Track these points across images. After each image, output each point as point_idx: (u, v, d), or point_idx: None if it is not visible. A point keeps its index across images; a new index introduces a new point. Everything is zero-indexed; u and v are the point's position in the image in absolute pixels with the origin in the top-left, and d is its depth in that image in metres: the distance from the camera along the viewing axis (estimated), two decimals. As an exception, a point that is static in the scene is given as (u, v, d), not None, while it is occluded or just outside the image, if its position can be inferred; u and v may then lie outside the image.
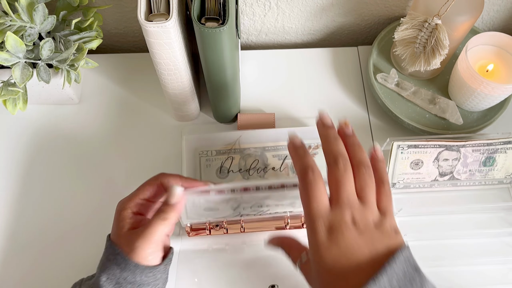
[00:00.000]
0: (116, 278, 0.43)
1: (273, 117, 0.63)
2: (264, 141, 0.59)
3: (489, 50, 0.61)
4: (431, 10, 0.55)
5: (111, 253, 0.44)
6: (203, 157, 0.59)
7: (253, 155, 0.59)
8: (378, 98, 0.63)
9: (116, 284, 0.43)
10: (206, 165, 0.58)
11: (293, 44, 0.76)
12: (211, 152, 0.59)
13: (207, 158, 0.59)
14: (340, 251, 0.35)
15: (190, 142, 0.60)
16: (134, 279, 0.43)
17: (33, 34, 0.52)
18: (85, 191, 0.60)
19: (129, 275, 0.43)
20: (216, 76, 0.54)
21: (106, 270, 0.44)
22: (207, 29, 0.46)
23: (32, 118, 0.65)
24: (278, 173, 0.58)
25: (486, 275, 0.55)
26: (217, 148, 0.59)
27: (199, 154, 0.59)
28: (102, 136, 0.64)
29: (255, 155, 0.59)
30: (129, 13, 0.68)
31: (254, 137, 0.60)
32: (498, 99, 0.59)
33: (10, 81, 0.55)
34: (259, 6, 0.67)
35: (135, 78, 0.69)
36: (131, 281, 0.43)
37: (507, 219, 0.58)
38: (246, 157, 0.59)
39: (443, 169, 0.58)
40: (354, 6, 0.68)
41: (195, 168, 0.58)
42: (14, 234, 0.57)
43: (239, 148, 0.59)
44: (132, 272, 0.43)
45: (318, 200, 0.37)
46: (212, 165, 0.58)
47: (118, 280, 0.43)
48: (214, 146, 0.59)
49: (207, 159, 0.59)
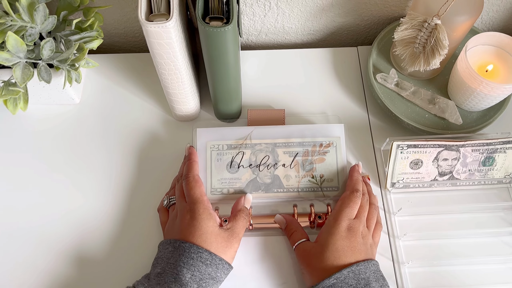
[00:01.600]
0: (201, 274, 0.47)
1: (283, 113, 0.63)
2: (275, 137, 0.60)
3: (489, 50, 0.61)
4: (430, 10, 0.56)
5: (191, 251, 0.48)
6: (214, 151, 0.59)
7: (264, 151, 0.59)
8: (377, 98, 0.63)
9: (200, 280, 0.47)
10: (217, 159, 0.59)
11: (293, 44, 0.76)
12: (222, 146, 0.59)
13: (218, 151, 0.59)
14: (346, 245, 0.50)
15: (201, 135, 0.60)
16: (216, 275, 0.49)
17: (34, 34, 0.52)
18: (85, 191, 0.60)
19: (212, 270, 0.48)
20: (220, 75, 0.54)
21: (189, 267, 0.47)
22: (212, 29, 0.46)
23: (32, 118, 0.65)
24: (288, 169, 0.59)
25: (486, 274, 0.55)
26: (229, 142, 0.60)
27: (210, 148, 0.59)
28: (102, 136, 0.64)
29: (266, 150, 0.59)
30: (130, 13, 0.68)
31: (265, 133, 0.60)
32: (498, 99, 0.59)
33: (11, 81, 0.55)
34: (259, 6, 0.67)
35: (135, 78, 0.69)
36: (214, 277, 0.48)
37: (507, 218, 0.58)
38: (257, 152, 0.59)
39: (442, 169, 0.58)
40: (353, 6, 0.68)
41: (205, 162, 0.59)
42: (13, 234, 0.57)
43: (250, 143, 0.59)
44: (215, 267, 0.48)
45: (351, 210, 0.52)
46: (223, 159, 0.59)
47: (202, 277, 0.47)
48: (226, 140, 0.60)
49: (218, 153, 0.59)
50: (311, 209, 0.57)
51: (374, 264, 0.50)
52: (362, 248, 0.50)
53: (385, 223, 0.58)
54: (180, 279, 0.46)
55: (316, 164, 0.59)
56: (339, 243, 0.49)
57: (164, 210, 0.56)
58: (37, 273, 0.55)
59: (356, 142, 0.63)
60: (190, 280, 0.46)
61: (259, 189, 0.58)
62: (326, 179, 0.58)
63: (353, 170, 0.58)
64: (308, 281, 0.51)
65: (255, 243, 0.56)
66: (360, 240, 0.50)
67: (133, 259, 0.56)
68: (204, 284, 0.47)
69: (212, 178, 0.58)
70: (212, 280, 0.48)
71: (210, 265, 0.48)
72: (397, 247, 0.56)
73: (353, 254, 0.49)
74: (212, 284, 0.48)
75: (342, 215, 0.52)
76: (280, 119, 0.63)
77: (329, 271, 0.48)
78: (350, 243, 0.50)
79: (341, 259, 0.49)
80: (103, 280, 0.55)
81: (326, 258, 0.49)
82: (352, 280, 0.47)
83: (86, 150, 0.63)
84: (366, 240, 0.51)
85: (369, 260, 0.49)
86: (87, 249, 0.56)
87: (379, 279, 0.49)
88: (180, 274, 0.47)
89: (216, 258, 0.49)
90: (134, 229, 0.58)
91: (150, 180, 0.61)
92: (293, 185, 0.58)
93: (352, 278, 0.47)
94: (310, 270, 0.50)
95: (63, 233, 0.57)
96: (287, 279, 0.54)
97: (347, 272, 0.47)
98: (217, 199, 0.58)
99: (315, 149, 0.59)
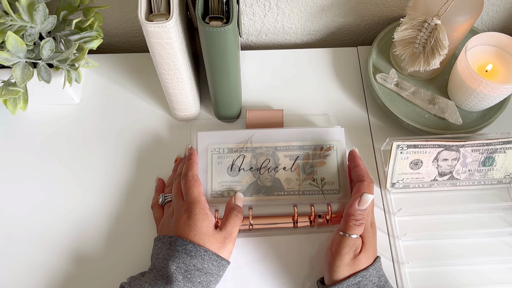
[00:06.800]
0: (186, 266, 0.47)
1: (282, 113, 0.63)
2: (276, 141, 0.60)
3: (489, 50, 0.61)
4: (430, 11, 0.56)
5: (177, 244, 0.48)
6: (215, 154, 0.59)
7: (264, 154, 0.59)
8: (377, 98, 0.63)
9: (185, 271, 0.47)
10: (217, 162, 0.59)
11: (293, 44, 0.76)
12: (223, 149, 0.59)
13: (219, 155, 0.59)
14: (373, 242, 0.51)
15: (202, 139, 0.60)
16: (202, 266, 0.48)
17: (34, 34, 0.52)
18: (85, 191, 0.60)
19: (198, 262, 0.48)
20: (220, 75, 0.54)
21: (173, 259, 0.47)
22: (212, 28, 0.46)
23: (32, 118, 0.65)
24: (289, 173, 0.59)
25: (486, 274, 0.55)
26: (229, 146, 0.60)
27: (211, 151, 0.59)
28: (102, 136, 0.64)
29: (267, 154, 0.59)
30: (130, 13, 0.68)
31: (266, 137, 0.60)
32: (497, 99, 0.59)
33: (11, 80, 0.55)
34: (259, 7, 0.67)
35: (135, 78, 0.69)
36: (200, 268, 0.48)
37: (506, 218, 0.58)
38: (258, 156, 0.59)
39: (442, 169, 0.58)
40: (353, 6, 0.68)
41: (206, 165, 0.59)
42: (13, 233, 0.57)
43: (251, 147, 0.60)
44: (200, 258, 0.48)
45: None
46: (224, 163, 0.59)
47: (187, 268, 0.47)
48: (226, 144, 0.60)
49: (218, 156, 0.59)
50: (311, 209, 0.57)
51: (380, 258, 0.51)
52: (376, 242, 0.52)
53: (385, 223, 0.58)
54: (166, 272, 0.47)
55: (316, 167, 0.59)
56: (371, 242, 0.50)
57: (159, 207, 0.56)
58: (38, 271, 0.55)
59: (356, 142, 0.63)
60: (175, 272, 0.47)
61: (259, 192, 0.58)
62: (327, 182, 0.58)
63: (357, 157, 0.57)
64: (333, 273, 0.49)
65: (255, 243, 0.56)
66: (376, 235, 0.52)
67: (135, 258, 0.56)
68: (190, 275, 0.47)
69: (212, 181, 0.58)
70: (199, 272, 0.47)
71: (195, 256, 0.48)
72: (397, 247, 0.56)
73: (376, 251, 0.51)
74: (199, 275, 0.47)
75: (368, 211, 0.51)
76: (279, 119, 0.63)
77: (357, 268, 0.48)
78: (374, 240, 0.51)
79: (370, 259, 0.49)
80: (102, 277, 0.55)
81: (364, 258, 0.49)
82: (375, 278, 0.48)
83: (86, 150, 0.63)
84: (376, 232, 0.52)
85: (378, 256, 0.51)
86: (87, 247, 0.56)
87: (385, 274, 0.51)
88: (166, 267, 0.47)
89: (201, 249, 0.48)
90: (134, 228, 0.58)
91: (149, 180, 0.60)
92: (294, 188, 0.58)
93: (375, 275, 0.48)
94: (340, 265, 0.48)
95: (63, 233, 0.57)
96: (287, 279, 0.54)
97: (372, 270, 0.48)
98: (218, 201, 0.58)
99: (316, 152, 0.59)
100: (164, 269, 0.47)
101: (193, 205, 0.51)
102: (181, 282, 0.46)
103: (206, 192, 0.58)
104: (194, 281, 0.47)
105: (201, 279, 0.48)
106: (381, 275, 0.49)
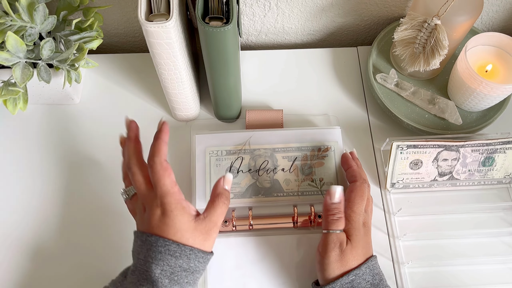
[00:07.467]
0: (171, 268, 0.43)
1: (281, 113, 0.63)
2: (274, 143, 0.60)
3: (488, 51, 0.61)
4: (430, 11, 0.56)
5: (158, 245, 0.44)
6: (213, 157, 0.59)
7: (263, 156, 0.59)
8: (377, 98, 0.63)
9: (171, 274, 0.43)
10: (216, 164, 0.59)
11: (293, 44, 0.76)
12: (221, 151, 0.59)
13: (217, 157, 0.59)
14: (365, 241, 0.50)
15: (200, 141, 0.60)
16: (188, 266, 0.44)
17: (34, 34, 0.52)
18: (85, 191, 0.60)
19: (183, 262, 0.44)
20: (220, 75, 0.54)
21: (157, 262, 0.43)
22: (212, 29, 0.46)
23: (32, 118, 0.65)
24: (288, 174, 0.59)
25: (486, 274, 0.55)
26: (227, 148, 0.60)
27: (209, 154, 0.59)
28: (102, 136, 0.64)
29: (265, 155, 0.59)
30: (129, 13, 0.68)
31: (264, 138, 0.60)
32: (497, 99, 0.59)
33: (11, 81, 0.55)
34: (259, 7, 0.67)
35: (135, 78, 0.69)
36: (186, 268, 0.44)
37: (506, 219, 0.58)
38: (256, 157, 0.59)
39: (442, 169, 0.58)
40: (353, 6, 0.68)
41: (204, 167, 0.59)
42: (14, 233, 0.57)
43: (249, 149, 0.60)
44: (186, 258, 0.44)
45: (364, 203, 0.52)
46: (222, 165, 0.59)
47: (173, 270, 0.43)
48: (224, 146, 0.60)
49: (217, 159, 0.59)
50: (311, 209, 0.57)
51: (376, 257, 0.51)
52: (370, 242, 0.51)
53: (385, 223, 0.58)
54: (150, 276, 0.43)
55: (315, 168, 0.59)
56: (361, 240, 0.50)
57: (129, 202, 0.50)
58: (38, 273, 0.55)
59: (356, 142, 0.63)
60: (160, 276, 0.43)
61: (259, 194, 0.58)
62: (325, 182, 0.58)
63: (349, 159, 0.56)
64: (324, 272, 0.49)
65: (255, 243, 0.56)
66: (370, 235, 0.51)
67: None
68: (176, 277, 0.44)
69: (211, 183, 0.58)
70: (185, 272, 0.44)
71: (180, 257, 0.44)
72: (397, 247, 0.56)
73: (368, 250, 0.50)
74: (186, 276, 0.44)
75: (359, 210, 0.51)
76: (278, 119, 0.63)
77: (348, 266, 0.48)
78: (367, 239, 0.50)
79: (359, 256, 0.49)
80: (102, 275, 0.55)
81: (352, 254, 0.48)
82: (368, 276, 0.48)
83: (86, 150, 0.63)
84: (370, 232, 0.52)
85: (374, 255, 0.50)
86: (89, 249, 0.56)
87: (381, 273, 0.50)
88: (149, 271, 0.43)
89: (186, 248, 0.44)
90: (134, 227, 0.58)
91: (150, 180, 0.61)
92: (293, 189, 0.58)
93: (368, 274, 0.48)
94: (328, 262, 0.48)
95: (64, 233, 0.57)
96: (287, 279, 0.54)
97: (364, 268, 0.48)
98: None
99: (314, 153, 0.60)
100: (147, 272, 0.43)
101: (166, 199, 0.45)
102: (168, 286, 0.43)
103: (205, 195, 0.57)
104: (181, 282, 0.44)
105: (188, 279, 0.44)
106: (376, 273, 0.48)
